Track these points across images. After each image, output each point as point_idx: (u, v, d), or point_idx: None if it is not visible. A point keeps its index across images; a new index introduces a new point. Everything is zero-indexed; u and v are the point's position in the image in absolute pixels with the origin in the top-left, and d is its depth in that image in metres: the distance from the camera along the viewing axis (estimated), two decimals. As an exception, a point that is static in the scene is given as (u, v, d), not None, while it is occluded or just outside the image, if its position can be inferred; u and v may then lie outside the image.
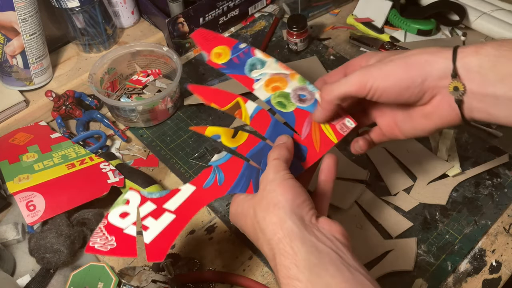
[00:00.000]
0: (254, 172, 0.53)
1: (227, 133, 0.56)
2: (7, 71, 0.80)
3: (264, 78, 0.58)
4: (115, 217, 0.52)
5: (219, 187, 0.53)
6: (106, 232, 0.51)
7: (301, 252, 0.41)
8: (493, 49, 0.44)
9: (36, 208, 0.65)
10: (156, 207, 0.52)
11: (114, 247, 0.50)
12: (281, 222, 0.43)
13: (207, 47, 0.61)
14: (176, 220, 0.52)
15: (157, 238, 0.51)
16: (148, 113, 0.79)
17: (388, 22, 0.95)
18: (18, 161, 0.71)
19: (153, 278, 0.61)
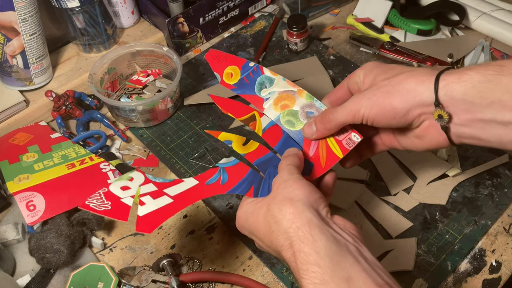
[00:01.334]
0: (257, 179, 0.55)
1: (239, 140, 0.59)
2: (7, 71, 0.80)
3: (273, 96, 0.60)
4: (116, 188, 0.55)
5: (221, 186, 0.55)
6: (104, 197, 0.53)
7: (321, 240, 0.42)
8: (477, 75, 0.44)
9: (36, 208, 0.65)
10: (157, 190, 0.55)
11: (108, 209, 0.53)
12: (299, 212, 0.44)
13: (219, 68, 0.63)
14: (172, 204, 0.53)
15: (150, 214, 0.53)
16: (148, 113, 0.79)
17: (388, 22, 0.95)
18: (18, 161, 0.71)
19: (153, 278, 0.61)
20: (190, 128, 0.81)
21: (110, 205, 0.53)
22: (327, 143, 0.55)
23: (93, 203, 0.52)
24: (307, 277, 0.41)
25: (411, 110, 0.48)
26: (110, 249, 0.66)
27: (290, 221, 0.44)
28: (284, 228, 0.44)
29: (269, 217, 0.46)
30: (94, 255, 0.65)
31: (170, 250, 0.66)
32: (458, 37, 0.91)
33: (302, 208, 0.44)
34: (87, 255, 0.65)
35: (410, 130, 0.52)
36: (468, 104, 0.45)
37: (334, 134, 0.54)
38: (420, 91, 0.47)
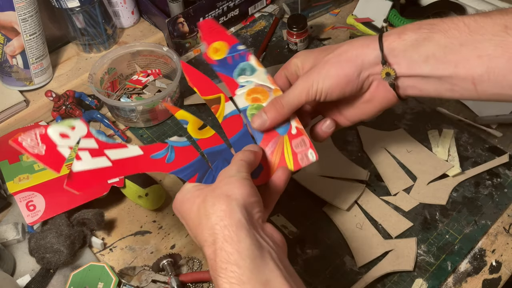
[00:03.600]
0: (204, 168, 0.53)
1: (195, 123, 0.55)
2: (7, 71, 0.80)
3: (249, 86, 0.58)
4: (54, 132, 0.50)
5: (165, 164, 0.53)
6: (40, 139, 0.49)
7: (245, 242, 0.42)
8: (413, 33, 0.49)
9: (36, 208, 0.65)
10: (97, 148, 0.51)
11: (41, 154, 0.48)
12: (230, 211, 0.43)
13: (209, 39, 0.60)
14: (110, 169, 0.51)
15: (85, 172, 0.50)
16: (148, 113, 0.79)
17: (388, 22, 0.95)
18: (18, 161, 0.71)
19: (153, 278, 0.61)
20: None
21: (44, 150, 0.48)
22: (283, 151, 0.54)
23: (26, 142, 0.48)
24: (225, 276, 0.40)
25: (361, 72, 0.51)
26: (110, 249, 0.66)
27: (219, 218, 0.43)
28: (212, 223, 0.43)
29: (202, 209, 0.45)
30: (94, 255, 0.65)
31: (170, 250, 0.66)
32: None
33: (235, 208, 0.44)
34: (87, 255, 0.65)
35: (358, 97, 0.55)
36: (408, 59, 0.50)
37: (293, 143, 0.53)
38: (367, 53, 0.51)
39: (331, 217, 0.67)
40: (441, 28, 0.48)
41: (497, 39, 0.45)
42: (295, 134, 0.54)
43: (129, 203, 0.71)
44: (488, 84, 0.47)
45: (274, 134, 0.55)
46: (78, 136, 0.51)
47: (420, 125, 0.78)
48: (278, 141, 0.55)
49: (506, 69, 0.46)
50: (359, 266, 0.62)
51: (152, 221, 0.69)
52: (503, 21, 0.46)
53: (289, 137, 0.55)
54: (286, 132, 0.55)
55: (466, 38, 0.47)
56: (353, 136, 0.77)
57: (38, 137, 0.49)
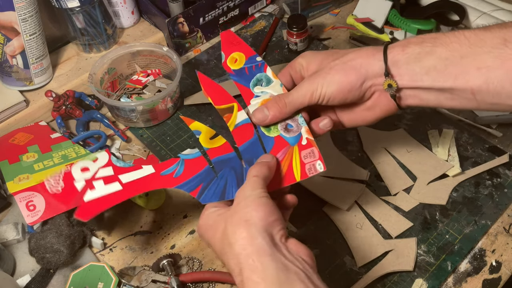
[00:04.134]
0: (209, 178, 0.54)
1: (207, 133, 0.58)
2: (7, 71, 0.80)
3: (263, 96, 0.59)
4: (77, 168, 0.56)
5: (172, 179, 0.54)
6: (62, 177, 0.56)
7: (270, 268, 0.42)
8: (416, 46, 0.51)
9: (36, 208, 0.65)
10: (113, 174, 0.55)
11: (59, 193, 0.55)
12: (251, 238, 0.44)
13: (228, 49, 0.63)
14: (120, 192, 0.53)
15: (95, 200, 0.53)
16: (148, 113, 0.79)
17: (388, 22, 0.95)
18: (18, 161, 0.71)
19: (153, 278, 0.61)
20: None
21: (61, 188, 0.54)
22: (291, 160, 0.54)
23: (50, 183, 0.53)
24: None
25: (364, 82, 0.53)
26: (110, 249, 0.66)
27: (241, 247, 0.44)
28: (236, 253, 0.44)
29: (224, 238, 0.46)
30: (94, 255, 0.65)
31: (170, 250, 0.66)
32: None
33: (255, 234, 0.44)
34: (87, 255, 0.65)
35: (360, 104, 0.56)
36: (411, 72, 0.51)
37: (302, 154, 0.54)
38: (372, 64, 0.52)
39: (331, 217, 0.67)
40: (443, 41, 0.50)
41: (496, 51, 0.47)
42: (305, 145, 0.55)
43: (129, 203, 0.71)
44: (487, 94, 0.49)
45: (285, 144, 0.55)
46: (98, 167, 0.55)
47: (420, 125, 0.78)
48: (287, 151, 0.55)
49: (504, 80, 0.47)
50: (359, 266, 0.62)
51: (152, 221, 0.69)
52: (502, 34, 0.47)
53: (299, 147, 0.55)
54: (297, 143, 0.55)
55: (467, 51, 0.49)
56: (353, 136, 0.77)
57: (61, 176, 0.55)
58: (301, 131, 0.55)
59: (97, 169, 0.55)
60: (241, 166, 0.56)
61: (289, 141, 0.55)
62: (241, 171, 0.55)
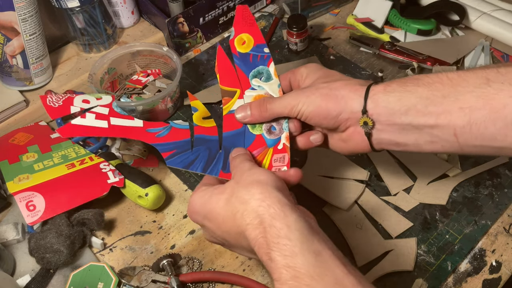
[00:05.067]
0: (184, 148, 0.57)
1: (203, 112, 0.60)
2: (7, 71, 0.80)
3: (259, 91, 0.59)
4: (79, 98, 0.62)
5: (153, 137, 0.57)
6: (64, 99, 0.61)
7: (292, 216, 0.43)
8: (398, 86, 0.50)
9: (36, 208, 0.65)
10: (107, 114, 0.59)
11: (54, 107, 0.60)
12: (268, 192, 0.45)
13: (240, 27, 0.62)
14: (103, 129, 0.58)
15: (80, 126, 0.57)
16: (148, 113, 0.79)
17: (388, 22, 0.95)
18: (18, 161, 0.71)
19: (153, 278, 0.61)
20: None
21: (57, 105, 0.59)
22: (262, 160, 0.56)
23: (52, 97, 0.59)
24: (277, 249, 0.42)
25: (341, 114, 0.53)
26: (110, 249, 0.66)
27: (260, 200, 0.44)
28: (253, 207, 0.44)
29: (234, 199, 0.46)
30: (94, 255, 0.65)
31: (170, 250, 0.66)
32: (458, 37, 0.91)
33: (271, 189, 0.45)
34: (87, 255, 0.65)
35: (337, 132, 0.56)
36: (389, 111, 0.50)
37: (274, 157, 0.55)
38: (352, 98, 0.52)
39: (331, 217, 0.67)
40: (425, 82, 0.49)
41: (478, 91, 0.46)
42: (280, 150, 0.56)
43: (129, 203, 0.71)
44: (470, 135, 0.47)
45: (263, 143, 0.57)
46: (97, 104, 0.59)
47: (420, 125, 0.78)
48: (263, 151, 0.56)
49: (487, 120, 0.46)
50: (359, 266, 0.62)
51: (152, 221, 0.69)
52: (485, 74, 0.46)
53: (273, 150, 0.56)
54: (273, 146, 0.56)
55: (449, 91, 0.48)
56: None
57: (63, 97, 0.60)
58: (281, 135, 0.56)
59: (97, 105, 0.59)
60: (217, 150, 0.57)
61: (267, 142, 0.57)
62: (215, 154, 0.57)
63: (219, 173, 0.55)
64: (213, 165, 0.56)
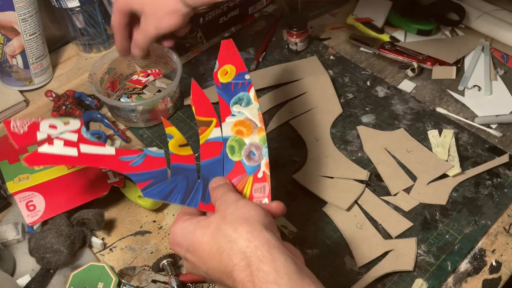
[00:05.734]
0: (160, 178, 0.54)
1: (179, 140, 0.58)
2: (7, 71, 0.80)
3: (239, 117, 0.59)
4: (46, 123, 0.58)
5: (127, 166, 0.55)
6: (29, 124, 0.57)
7: (280, 259, 0.42)
8: None
9: (36, 208, 0.65)
10: (76, 141, 0.56)
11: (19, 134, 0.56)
12: (257, 232, 0.43)
13: (223, 60, 0.63)
14: (72, 158, 0.55)
15: (48, 155, 0.55)
16: (148, 113, 0.79)
17: (388, 22, 0.95)
18: (18, 161, 0.71)
19: (153, 278, 0.61)
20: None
21: (23, 132, 0.55)
22: (243, 190, 0.54)
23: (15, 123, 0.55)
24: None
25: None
26: (110, 249, 0.66)
27: (247, 240, 0.43)
28: (240, 247, 0.43)
29: (220, 237, 0.44)
30: (94, 255, 0.65)
31: (170, 250, 0.66)
32: (458, 37, 0.92)
33: (259, 228, 0.44)
34: (87, 255, 0.65)
35: None
36: None
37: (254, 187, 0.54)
38: None
39: (331, 217, 0.67)
40: None
41: None
42: (260, 178, 0.54)
43: (129, 203, 0.71)
44: None
45: (242, 171, 0.55)
46: (66, 129, 0.56)
47: (420, 125, 0.78)
48: (242, 179, 0.55)
49: None
50: (359, 266, 0.62)
51: (152, 221, 0.69)
52: None
53: (253, 179, 0.55)
54: (253, 173, 0.55)
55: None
56: (353, 136, 0.77)
57: (29, 123, 0.56)
58: (261, 162, 0.55)
59: (64, 131, 0.56)
60: (195, 180, 0.56)
61: (247, 169, 0.55)
62: (194, 184, 0.55)
63: (199, 204, 0.53)
64: (191, 195, 0.54)
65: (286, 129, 0.79)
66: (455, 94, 0.82)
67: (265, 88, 0.85)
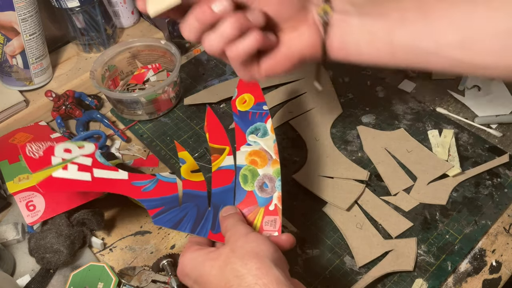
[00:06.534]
0: (171, 205, 0.55)
1: (191, 165, 0.59)
2: (7, 71, 0.80)
3: (254, 147, 0.59)
4: (61, 147, 0.57)
5: (139, 192, 0.55)
6: (45, 148, 0.56)
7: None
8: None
9: (36, 208, 0.65)
10: (90, 166, 0.56)
11: (34, 158, 0.56)
12: (266, 268, 0.43)
13: (242, 88, 0.63)
14: (86, 183, 0.54)
15: (62, 180, 0.54)
16: (152, 104, 0.79)
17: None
18: (18, 161, 0.71)
19: (153, 278, 0.61)
20: (190, 128, 0.81)
21: (38, 156, 0.55)
22: (253, 222, 0.54)
23: (31, 147, 0.55)
24: None
25: None
26: (110, 249, 0.66)
27: (256, 277, 0.42)
28: (249, 283, 0.42)
29: (228, 271, 0.44)
30: (94, 255, 0.65)
31: (170, 250, 0.66)
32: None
33: (268, 264, 0.43)
34: (87, 255, 0.65)
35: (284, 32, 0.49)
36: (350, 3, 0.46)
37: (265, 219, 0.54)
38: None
39: (331, 217, 0.67)
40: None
41: None
42: (271, 211, 0.55)
43: (129, 203, 0.71)
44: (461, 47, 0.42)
45: (254, 201, 0.56)
46: (80, 153, 0.55)
47: (420, 125, 0.78)
48: (254, 210, 0.55)
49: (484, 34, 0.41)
50: (359, 266, 0.62)
51: (152, 221, 0.69)
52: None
53: (265, 211, 0.55)
54: (265, 205, 0.55)
55: None
56: (353, 136, 0.77)
57: (44, 146, 0.55)
58: (273, 195, 0.55)
59: (79, 155, 0.56)
60: (206, 208, 0.56)
61: (258, 200, 0.56)
62: (204, 212, 0.55)
63: (208, 234, 0.54)
64: (201, 224, 0.54)
65: (286, 129, 0.79)
66: (455, 94, 0.82)
67: (265, 88, 0.85)
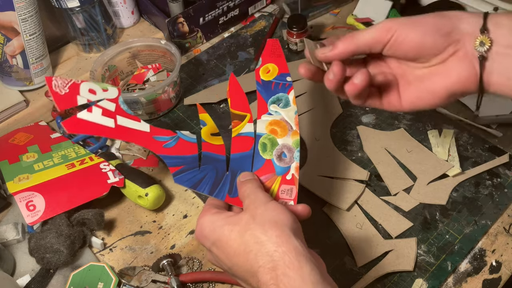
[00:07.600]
0: (191, 165, 0.55)
1: (211, 128, 0.59)
2: (7, 71, 0.80)
3: (275, 117, 0.59)
4: (86, 86, 0.55)
5: (161, 147, 0.55)
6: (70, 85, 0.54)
7: (306, 267, 0.42)
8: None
9: (36, 208, 0.65)
10: (113, 111, 0.55)
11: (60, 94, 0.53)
12: (285, 237, 0.44)
13: (267, 58, 0.63)
14: (109, 129, 0.54)
15: (86, 122, 0.53)
16: (152, 104, 0.79)
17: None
18: (18, 161, 0.71)
19: (153, 278, 0.61)
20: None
21: (64, 92, 0.53)
22: (270, 189, 0.55)
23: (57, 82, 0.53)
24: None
25: (453, 31, 0.45)
26: (110, 249, 0.66)
27: (276, 244, 0.43)
28: (268, 250, 0.43)
29: (248, 237, 0.45)
30: (94, 255, 0.65)
31: (170, 250, 0.66)
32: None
33: (288, 233, 0.44)
34: (87, 255, 0.65)
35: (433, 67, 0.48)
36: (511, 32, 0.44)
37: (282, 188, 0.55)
38: (469, 17, 0.46)
39: (331, 217, 0.67)
40: None
41: None
42: (288, 180, 0.55)
43: (129, 203, 0.71)
44: None
45: (272, 169, 0.56)
46: (104, 96, 0.55)
47: (420, 125, 0.78)
48: (271, 178, 0.56)
49: None
50: (359, 266, 0.62)
51: (152, 221, 0.69)
52: None
53: (282, 180, 0.56)
54: (282, 174, 0.56)
55: None
56: (353, 136, 0.77)
57: (70, 83, 0.54)
58: (291, 165, 0.56)
59: (103, 98, 0.55)
60: (224, 172, 0.56)
61: (276, 169, 0.56)
62: (222, 176, 0.56)
63: (225, 197, 0.54)
64: (219, 187, 0.55)
65: (286, 129, 0.79)
66: (455, 94, 0.82)
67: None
